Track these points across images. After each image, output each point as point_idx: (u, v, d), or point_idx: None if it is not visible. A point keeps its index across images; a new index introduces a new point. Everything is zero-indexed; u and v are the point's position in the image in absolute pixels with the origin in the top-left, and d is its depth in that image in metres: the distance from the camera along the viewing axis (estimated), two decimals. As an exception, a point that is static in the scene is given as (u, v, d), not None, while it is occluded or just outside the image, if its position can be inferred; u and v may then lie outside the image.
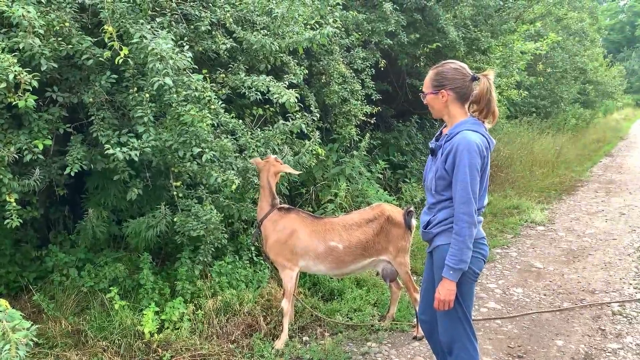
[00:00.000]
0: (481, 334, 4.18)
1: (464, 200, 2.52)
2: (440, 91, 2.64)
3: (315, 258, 3.89)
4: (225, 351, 3.71)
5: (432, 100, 2.69)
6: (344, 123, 6.17)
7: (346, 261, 3.90)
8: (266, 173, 3.95)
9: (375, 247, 3.92)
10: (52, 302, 3.90)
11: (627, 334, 4.25)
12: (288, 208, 4.04)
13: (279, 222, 3.91)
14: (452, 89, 2.62)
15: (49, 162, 3.72)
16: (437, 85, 2.65)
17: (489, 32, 7.88)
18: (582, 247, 6.66)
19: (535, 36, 13.10)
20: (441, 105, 2.67)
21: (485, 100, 2.60)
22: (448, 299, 2.59)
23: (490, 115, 2.63)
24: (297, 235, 3.87)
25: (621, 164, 14.50)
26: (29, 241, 4.32)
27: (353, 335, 4.11)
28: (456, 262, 2.54)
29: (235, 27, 4.24)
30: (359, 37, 6.43)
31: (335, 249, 3.86)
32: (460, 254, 2.54)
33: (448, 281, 2.58)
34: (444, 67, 2.66)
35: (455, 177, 2.54)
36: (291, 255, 3.88)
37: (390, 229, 3.91)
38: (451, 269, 2.56)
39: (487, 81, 2.59)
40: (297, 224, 3.91)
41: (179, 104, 3.36)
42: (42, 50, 3.07)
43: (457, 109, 2.66)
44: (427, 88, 2.70)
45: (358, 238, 3.88)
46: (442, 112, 2.71)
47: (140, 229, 3.85)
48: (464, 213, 2.53)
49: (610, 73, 24.15)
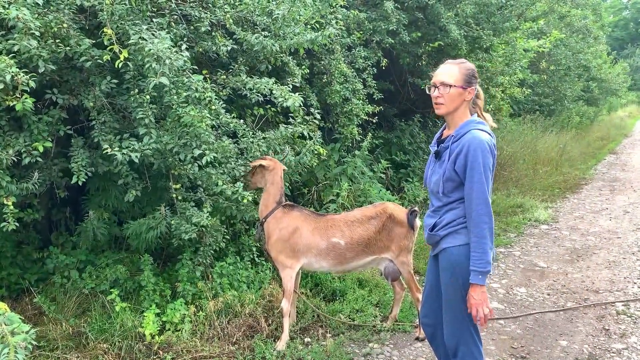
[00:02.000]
0: (484, 335, 4.15)
1: (482, 201, 2.47)
2: (470, 88, 2.60)
3: (317, 255, 3.89)
4: (226, 353, 3.70)
5: (456, 94, 2.59)
6: (346, 122, 6.14)
7: (348, 257, 3.91)
8: (279, 171, 3.99)
9: (377, 244, 3.92)
10: (53, 304, 3.90)
11: (631, 333, 4.21)
12: (292, 205, 4.04)
13: (282, 219, 3.91)
14: (475, 88, 2.63)
15: (49, 164, 3.71)
16: (469, 81, 2.60)
17: (491, 30, 7.84)
18: (586, 245, 6.62)
19: (538, 34, 13.03)
20: (460, 102, 2.61)
21: (482, 99, 2.69)
22: (484, 301, 2.52)
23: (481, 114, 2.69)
24: (300, 232, 3.88)
25: (625, 161, 14.43)
26: (30, 243, 4.32)
27: (355, 336, 4.09)
28: (483, 265, 2.48)
29: (235, 28, 4.22)
30: (360, 36, 6.40)
31: (337, 245, 3.87)
32: (485, 256, 2.48)
33: (478, 286, 2.51)
34: (471, 65, 2.64)
35: (471, 178, 2.49)
36: (292, 253, 3.88)
37: (392, 228, 3.91)
38: (479, 274, 2.49)
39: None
40: (300, 221, 3.91)
41: (179, 105, 3.35)
42: (40, 52, 3.06)
43: (466, 109, 2.64)
44: (456, 81, 2.58)
45: (360, 234, 3.88)
46: (454, 109, 2.62)
47: (141, 230, 3.84)
48: (484, 214, 2.48)
49: (614, 70, 24.04)
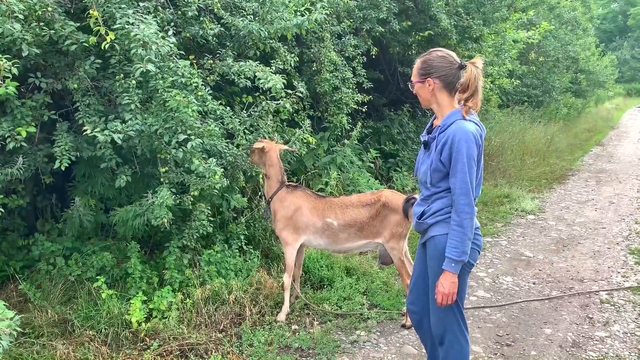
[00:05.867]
0: (470, 323, 4.19)
1: (464, 191, 2.48)
2: (427, 79, 2.60)
3: (314, 233, 4.15)
4: (213, 340, 3.70)
5: (419, 88, 2.66)
6: (335, 111, 6.12)
7: (342, 238, 4.12)
8: (276, 152, 4.20)
9: (370, 229, 4.07)
10: (38, 291, 3.86)
11: (614, 322, 4.27)
12: (295, 186, 4.30)
13: (286, 198, 4.19)
14: (439, 77, 2.58)
15: (34, 150, 3.66)
16: (424, 73, 2.61)
17: (481, 20, 7.85)
18: (571, 236, 6.69)
19: (528, 25, 13.07)
20: (428, 93, 2.64)
21: (472, 89, 2.53)
22: (452, 291, 2.55)
23: (475, 104, 2.57)
24: (301, 211, 4.15)
25: (612, 153, 14.56)
26: (15, 230, 4.27)
27: (342, 323, 4.11)
28: (458, 254, 2.50)
29: (223, 12, 4.18)
30: (351, 25, 6.37)
31: (331, 225, 4.10)
32: (462, 246, 2.50)
33: (450, 274, 2.53)
34: (430, 55, 2.62)
35: (454, 168, 2.50)
36: (294, 230, 4.15)
37: (387, 215, 4.01)
38: (453, 262, 2.52)
39: (474, 69, 2.53)
40: (302, 200, 4.18)
41: (164, 90, 3.31)
42: (24, 36, 3.00)
43: (445, 98, 2.61)
44: (414, 77, 2.67)
45: (351, 217, 4.08)
46: (430, 101, 2.67)
47: (128, 217, 3.80)
48: (465, 204, 2.49)
49: (602, 62, 24.21)
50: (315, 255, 4.92)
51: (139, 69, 3.09)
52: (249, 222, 5.07)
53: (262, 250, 4.98)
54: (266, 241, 5.13)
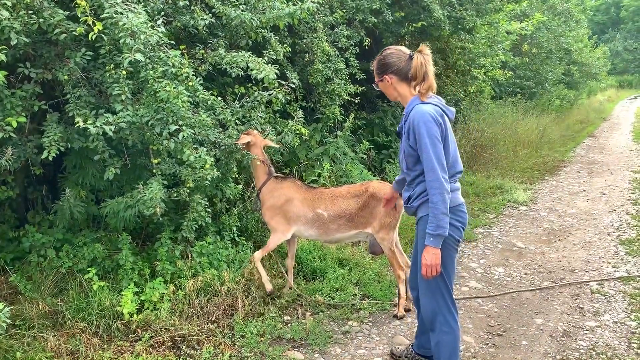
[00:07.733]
0: (462, 313, 4.21)
1: (429, 168, 2.66)
2: (384, 76, 2.86)
3: (305, 223, 4.17)
4: (205, 331, 3.69)
5: (382, 86, 2.92)
6: (328, 103, 6.11)
7: (332, 229, 4.15)
8: (259, 145, 4.26)
9: (359, 220, 4.10)
10: (29, 283, 3.83)
11: (604, 312, 4.31)
12: (283, 177, 4.33)
13: (275, 189, 4.23)
14: (393, 72, 2.82)
15: (24, 140, 3.62)
16: (381, 72, 2.87)
17: (474, 11, 7.83)
18: (563, 226, 6.73)
19: (521, 16, 13.06)
20: (390, 89, 2.88)
21: (420, 75, 2.73)
22: (434, 262, 2.69)
23: (427, 88, 2.74)
24: (292, 202, 4.17)
25: (603, 144, 14.63)
26: (6, 221, 4.23)
27: (334, 314, 4.12)
28: (434, 229, 2.66)
29: (214, 1, 4.14)
30: (343, 15, 6.34)
31: (321, 216, 4.14)
32: (436, 220, 2.65)
33: (431, 248, 2.69)
34: (383, 54, 2.87)
35: (420, 149, 2.69)
36: (284, 219, 4.17)
37: (375, 205, 4.03)
38: (431, 236, 2.68)
39: (420, 57, 2.73)
40: (293, 192, 4.21)
41: (155, 81, 3.28)
42: (12, 24, 2.96)
43: (405, 89, 2.84)
44: (375, 77, 2.92)
45: (341, 208, 4.11)
46: (394, 96, 2.90)
47: (119, 209, 3.77)
48: (432, 180, 2.66)
49: (595, 54, 24.28)
50: (307, 246, 4.92)
51: (128, 59, 3.07)
52: (242, 214, 5.06)
53: (255, 242, 4.97)
54: (259, 233, 5.12)
